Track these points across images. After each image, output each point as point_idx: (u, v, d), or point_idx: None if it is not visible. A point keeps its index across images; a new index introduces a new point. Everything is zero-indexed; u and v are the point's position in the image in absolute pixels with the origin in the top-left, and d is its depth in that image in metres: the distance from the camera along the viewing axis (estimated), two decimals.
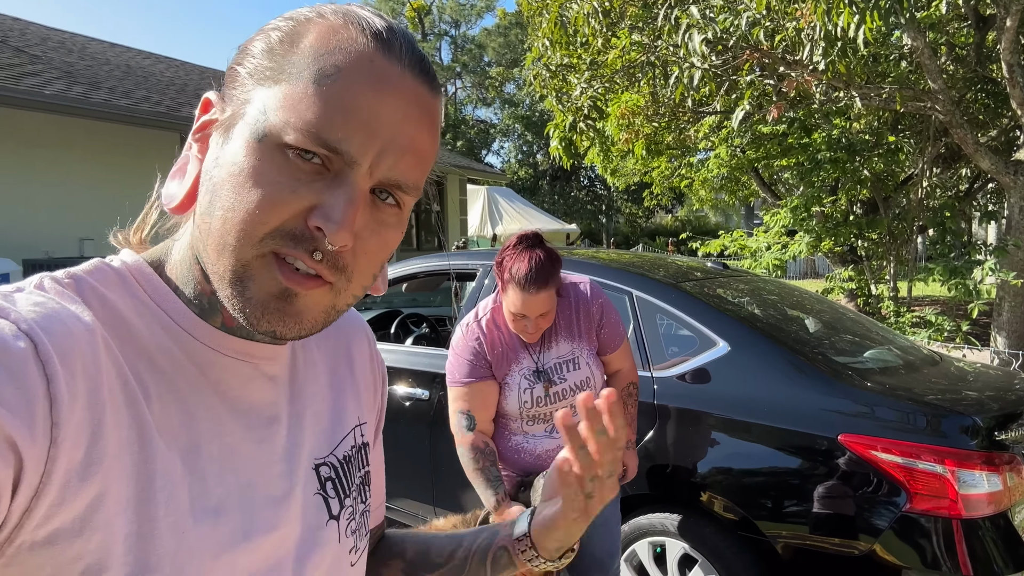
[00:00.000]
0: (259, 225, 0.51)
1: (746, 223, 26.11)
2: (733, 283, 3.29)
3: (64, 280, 0.53)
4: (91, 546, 0.46)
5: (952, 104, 5.97)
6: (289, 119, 0.51)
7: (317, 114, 0.50)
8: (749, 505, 2.34)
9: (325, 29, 0.53)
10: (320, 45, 0.52)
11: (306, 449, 0.64)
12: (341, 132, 0.51)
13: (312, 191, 0.51)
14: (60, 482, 0.44)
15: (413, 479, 3.22)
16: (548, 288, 1.96)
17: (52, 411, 0.44)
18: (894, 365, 2.81)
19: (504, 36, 35.18)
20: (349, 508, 0.68)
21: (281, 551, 0.60)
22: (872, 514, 2.13)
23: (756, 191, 11.25)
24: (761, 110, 6.80)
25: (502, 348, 2.10)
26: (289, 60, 0.52)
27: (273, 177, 0.51)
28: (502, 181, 21.37)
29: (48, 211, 8.40)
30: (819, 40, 4.77)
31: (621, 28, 6.37)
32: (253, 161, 0.51)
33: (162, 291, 0.57)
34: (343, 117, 0.51)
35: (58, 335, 0.46)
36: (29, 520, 0.44)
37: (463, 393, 2.09)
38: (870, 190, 8.11)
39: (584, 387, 2.11)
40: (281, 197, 0.51)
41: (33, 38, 10.73)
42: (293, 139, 0.50)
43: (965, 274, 5.99)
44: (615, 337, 2.18)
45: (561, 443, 2.05)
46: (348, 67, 0.52)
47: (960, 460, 2.06)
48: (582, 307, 2.14)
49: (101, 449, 0.47)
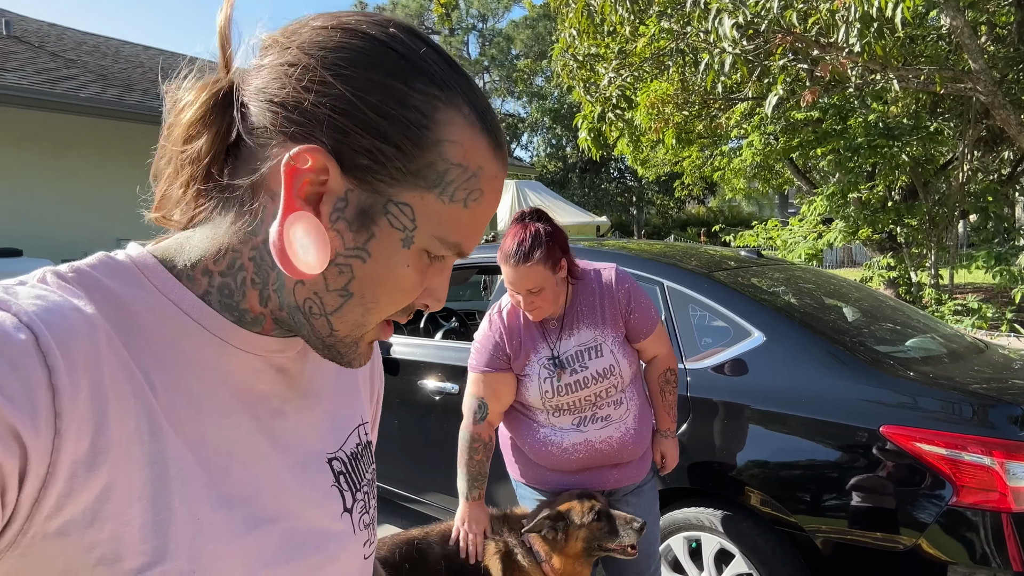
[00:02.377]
0: (388, 313, 0.59)
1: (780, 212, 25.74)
2: (768, 272, 3.22)
3: (67, 274, 0.53)
4: (103, 536, 0.47)
5: (994, 84, 5.78)
6: (441, 237, 0.56)
7: (465, 234, 0.58)
8: (787, 499, 2.28)
9: (468, 139, 0.55)
10: (466, 160, 0.55)
11: (318, 442, 0.66)
12: (471, 243, 0.59)
13: (426, 278, 0.59)
14: (67, 473, 0.45)
15: (444, 473, 3.20)
16: (534, 262, 1.88)
17: (55, 401, 0.44)
18: (937, 354, 2.72)
19: (532, 28, 35.02)
20: (361, 502, 0.69)
21: (295, 540, 0.60)
22: (916, 508, 2.06)
23: (790, 179, 11.06)
24: (795, 95, 6.65)
25: (521, 338, 2.06)
26: (433, 163, 0.54)
27: (413, 281, 0.58)
28: (531, 175, 21.31)
29: (85, 212, 8.56)
30: (855, 21, 4.63)
31: (649, 16, 6.27)
32: (399, 268, 0.56)
33: (170, 283, 0.57)
34: (479, 232, 0.59)
35: (59, 327, 0.47)
36: (39, 511, 0.45)
37: (480, 380, 2.08)
38: (909, 175, 7.90)
39: (607, 375, 2.02)
40: (414, 293, 0.59)
41: (69, 43, 10.95)
42: (440, 253, 0.58)
43: (1010, 260, 5.80)
44: (647, 322, 2.10)
45: (588, 437, 2.02)
46: (487, 189, 0.57)
47: (1009, 451, 1.98)
48: (606, 293, 2.08)
49: (107, 440, 0.47)
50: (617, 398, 2.05)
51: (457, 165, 0.55)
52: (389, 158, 0.53)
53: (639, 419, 2.08)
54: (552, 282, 1.95)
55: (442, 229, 0.56)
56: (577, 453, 2.03)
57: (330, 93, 0.52)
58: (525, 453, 2.13)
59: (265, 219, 0.55)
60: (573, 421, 2.04)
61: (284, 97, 0.53)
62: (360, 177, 0.53)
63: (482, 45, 37.69)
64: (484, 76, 37.70)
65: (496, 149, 0.58)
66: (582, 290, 2.08)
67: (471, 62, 36.49)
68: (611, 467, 2.08)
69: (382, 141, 0.53)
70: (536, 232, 1.92)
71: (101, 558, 0.47)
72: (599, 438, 2.02)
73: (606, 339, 2.05)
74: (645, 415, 2.13)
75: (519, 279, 1.91)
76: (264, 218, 0.55)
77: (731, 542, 2.36)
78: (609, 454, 2.04)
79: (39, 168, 8.36)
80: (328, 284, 0.56)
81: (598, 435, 2.02)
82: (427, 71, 0.55)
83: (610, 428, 2.03)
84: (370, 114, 0.53)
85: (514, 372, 2.06)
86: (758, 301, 2.66)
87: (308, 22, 0.56)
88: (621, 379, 2.04)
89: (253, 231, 0.56)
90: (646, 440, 2.13)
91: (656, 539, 2.19)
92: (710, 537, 2.43)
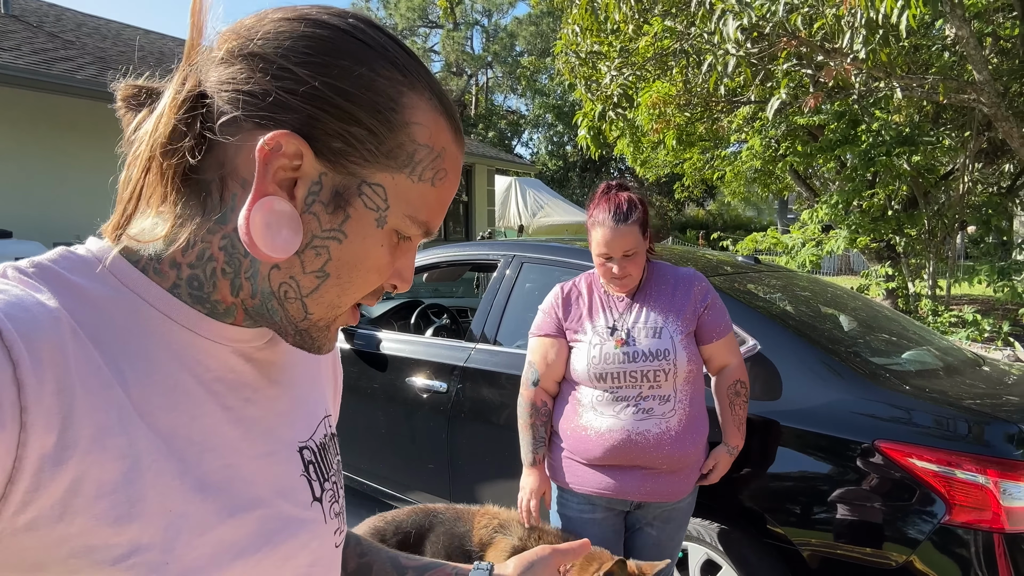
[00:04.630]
0: (362, 295, 0.61)
1: (779, 217, 25.71)
2: (764, 278, 3.17)
3: (28, 269, 0.53)
4: (73, 530, 0.47)
5: (997, 96, 5.74)
6: (413, 216, 0.59)
7: (432, 213, 0.61)
8: (777, 511, 2.23)
9: (431, 122, 0.58)
10: (432, 141, 0.58)
11: (288, 431, 0.66)
12: (437, 222, 0.62)
13: (395, 259, 0.61)
14: (33, 468, 0.45)
15: (430, 472, 3.16)
16: (632, 223, 1.96)
17: (20, 396, 0.44)
18: (934, 367, 2.68)
19: (536, 25, 34.94)
20: (330, 491, 0.70)
21: (268, 529, 0.61)
22: (908, 525, 2.02)
23: (790, 184, 11.02)
24: (797, 100, 6.61)
25: (582, 305, 2.10)
26: (402, 144, 0.57)
27: (385, 261, 0.60)
28: (531, 172, 21.24)
29: (79, 195, 8.48)
30: (860, 27, 4.59)
31: (653, 15, 6.22)
32: (373, 247, 0.58)
33: (134, 276, 0.57)
34: (443, 211, 0.62)
35: (22, 321, 0.46)
36: (6, 507, 0.44)
37: (534, 344, 2.15)
38: (909, 185, 7.86)
39: (659, 357, 1.98)
40: (385, 274, 0.61)
41: (68, 24, 10.86)
42: (411, 234, 0.60)
43: (1014, 275, 5.77)
44: (720, 323, 2.09)
45: (625, 425, 1.98)
46: (451, 170, 0.61)
47: (1004, 470, 1.94)
48: (682, 285, 2.10)
49: (75, 434, 0.47)
50: (665, 393, 2.01)
51: (424, 146, 0.58)
52: (361, 140, 0.55)
53: (685, 426, 2.02)
54: (643, 248, 2.01)
55: (413, 208, 0.59)
56: (612, 439, 1.99)
57: (298, 80, 0.54)
58: (562, 445, 2.11)
59: (236, 207, 0.56)
60: (615, 408, 2.01)
61: (252, 87, 0.54)
62: (334, 160, 0.55)
63: (486, 41, 37.59)
64: (487, 72, 37.62)
65: (456, 132, 0.61)
66: (656, 276, 2.12)
67: (474, 57, 36.40)
68: (644, 473, 2.02)
69: (353, 124, 0.55)
70: (630, 198, 2.00)
71: (73, 551, 0.47)
72: (636, 429, 1.98)
73: (668, 325, 2.04)
74: (694, 427, 2.06)
75: (618, 239, 1.96)
76: (235, 206, 0.56)
77: (718, 553, 2.32)
78: (644, 449, 1.98)
79: (34, 149, 8.28)
80: (305, 266, 0.57)
81: (636, 426, 1.99)
82: (389, 58, 0.57)
83: (650, 422, 1.99)
84: (339, 99, 0.54)
85: (566, 339, 2.10)
86: (753, 308, 2.61)
87: (267, 15, 0.58)
88: (674, 368, 2.00)
89: (222, 220, 0.57)
90: (689, 454, 2.04)
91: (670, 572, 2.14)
92: (697, 548, 2.39)
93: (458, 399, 2.99)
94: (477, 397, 2.95)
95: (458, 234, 15.13)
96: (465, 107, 36.56)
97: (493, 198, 17.09)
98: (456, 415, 2.99)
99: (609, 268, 2.01)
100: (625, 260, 1.98)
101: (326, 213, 0.56)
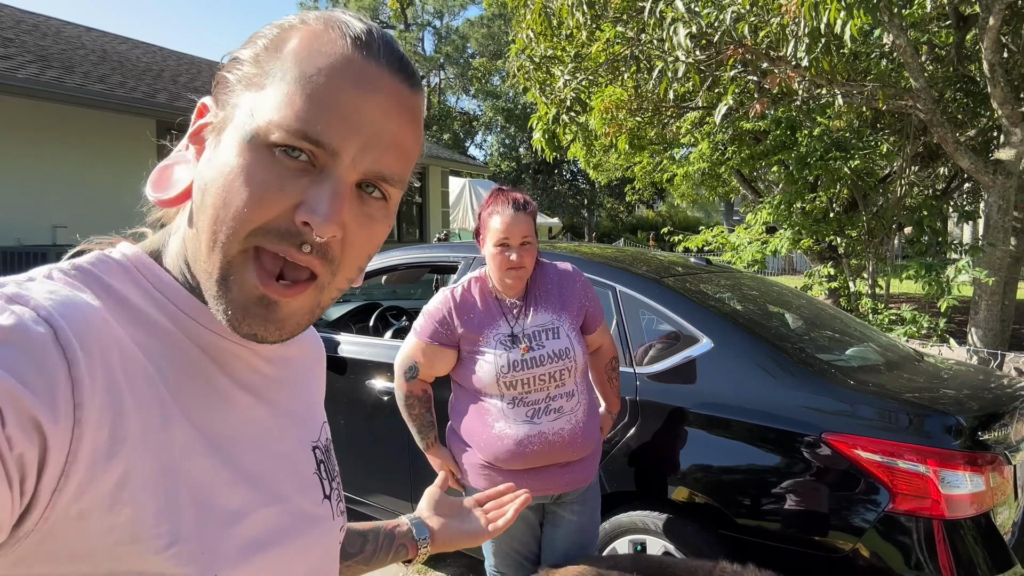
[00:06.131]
0: (246, 222, 0.54)
1: (725, 219, 26.25)
2: (715, 279, 3.27)
3: (70, 271, 0.55)
4: (121, 520, 0.49)
5: (933, 103, 6.00)
6: (273, 118, 0.54)
7: (299, 111, 0.54)
8: (730, 503, 2.32)
9: (307, 34, 0.56)
10: (302, 49, 0.56)
11: (301, 430, 0.70)
12: (321, 125, 0.54)
13: (299, 187, 0.54)
14: (87, 462, 0.47)
15: (391, 475, 3.17)
16: (528, 213, 2.07)
17: (75, 393, 0.46)
18: (876, 363, 2.80)
19: (487, 27, 34.99)
20: (336, 490, 0.74)
21: (287, 524, 0.63)
22: (854, 514, 2.12)
23: (736, 187, 11.29)
24: (743, 106, 6.79)
25: (476, 314, 2.11)
26: (274, 64, 0.56)
27: (261, 176, 0.53)
28: (485, 174, 21.26)
29: (21, 197, 8.21)
30: (803, 36, 4.75)
31: (605, 20, 6.32)
32: (241, 161, 0.54)
33: (164, 280, 0.60)
34: (324, 112, 0.54)
35: (75, 320, 0.48)
36: (60, 499, 0.46)
37: (420, 348, 2.14)
38: (849, 188, 8.14)
39: (562, 357, 2.07)
40: (268, 195, 0.53)
41: (6, 20, 10.48)
42: (278, 137, 0.53)
43: (940, 271, 6.03)
44: (599, 313, 2.26)
45: (542, 429, 2.04)
46: (328, 67, 0.55)
47: (943, 460, 2.05)
48: (565, 281, 2.19)
49: (124, 429, 0.49)
50: (569, 389, 2.10)
51: (291, 52, 0.56)
52: (240, 79, 0.57)
53: (588, 413, 2.15)
54: (535, 243, 2.09)
55: (275, 113, 0.54)
56: (532, 445, 2.03)
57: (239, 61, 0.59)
58: (478, 456, 2.12)
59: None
60: (527, 413, 2.06)
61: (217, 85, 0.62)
62: (221, 102, 0.58)
63: (437, 42, 37.48)
64: (440, 73, 37.51)
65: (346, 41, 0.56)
66: (541, 277, 2.19)
67: (426, 58, 36.25)
68: (561, 467, 2.10)
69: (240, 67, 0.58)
70: (524, 195, 2.12)
71: (120, 540, 0.49)
72: (552, 430, 2.05)
73: (563, 323, 2.12)
74: (593, 411, 2.19)
75: (516, 226, 2.03)
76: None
77: (674, 545, 2.39)
78: (561, 447, 2.06)
79: None
80: (193, 211, 0.58)
81: (551, 427, 2.05)
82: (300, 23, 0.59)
83: (562, 420, 2.07)
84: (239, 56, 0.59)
85: (461, 350, 2.12)
86: (706, 307, 2.70)
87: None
88: (575, 364, 2.09)
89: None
90: (593, 437, 2.17)
91: (592, 545, 2.22)
92: (655, 540, 2.45)
93: None
94: (438, 399, 2.97)
95: (412, 235, 15.07)
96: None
97: (448, 200, 17.06)
98: None
99: (507, 257, 2.04)
100: (522, 249, 2.05)
101: (210, 148, 0.58)
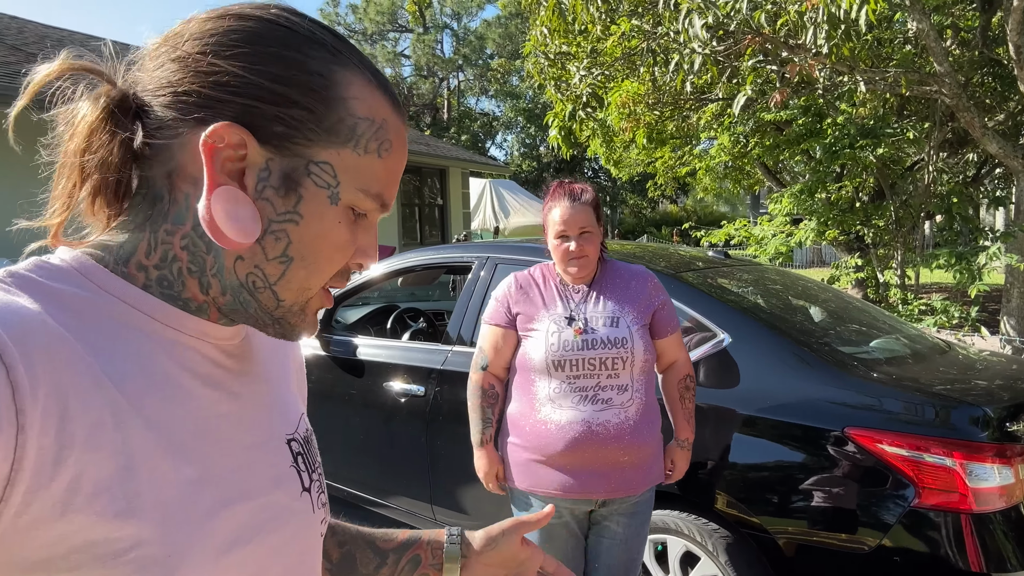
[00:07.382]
0: (328, 274, 0.62)
1: (752, 212, 25.97)
2: (736, 273, 3.22)
3: (5, 278, 0.53)
4: (74, 527, 0.48)
5: (959, 87, 5.86)
6: (364, 190, 0.60)
7: (384, 186, 0.62)
8: (752, 501, 2.27)
9: (366, 93, 0.60)
10: (371, 114, 0.60)
11: (275, 424, 0.68)
12: (388, 192, 0.63)
13: (357, 236, 0.62)
14: (32, 469, 0.45)
15: (410, 477, 3.16)
16: (586, 203, 2.06)
17: (15, 398, 0.45)
18: (901, 355, 2.74)
19: (504, 27, 34.96)
20: (317, 482, 0.72)
21: (261, 519, 0.62)
22: (879, 509, 2.06)
23: (761, 179, 11.14)
24: (764, 97, 6.69)
25: (535, 295, 2.14)
26: (342, 120, 0.58)
27: (346, 238, 0.61)
28: (505, 174, 21.26)
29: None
30: (822, 23, 4.66)
31: (620, 15, 6.26)
32: (331, 225, 0.59)
33: (112, 280, 0.58)
34: (393, 182, 0.63)
35: (12, 325, 0.47)
36: (7, 508, 0.45)
37: (485, 332, 2.20)
38: (876, 177, 8.00)
39: (617, 345, 2.01)
40: (348, 251, 0.62)
41: None
42: (366, 208, 0.62)
43: (970, 259, 5.89)
44: (672, 320, 2.17)
45: (586, 417, 1.99)
46: (395, 140, 0.62)
47: (970, 453, 1.99)
48: (636, 281, 2.16)
49: (71, 433, 0.48)
50: (623, 382, 2.03)
51: (364, 119, 0.59)
52: (301, 121, 0.57)
53: (643, 416, 2.06)
54: (598, 232, 2.10)
55: (363, 181, 0.60)
56: (573, 431, 1.99)
57: (230, 72, 0.56)
58: (522, 451, 2.09)
59: (190, 206, 0.58)
60: (574, 400, 2.02)
61: (187, 86, 0.56)
62: (278, 144, 0.57)
63: (455, 44, 37.56)
64: (459, 75, 37.58)
65: (394, 104, 0.62)
66: (611, 270, 2.18)
67: (445, 61, 36.34)
68: (608, 468, 2.02)
69: (290, 107, 0.56)
70: (583, 185, 2.12)
71: (74, 548, 0.48)
72: (597, 420, 2.00)
73: (625, 315, 2.08)
74: (651, 417, 2.09)
75: (574, 216, 2.04)
76: (189, 205, 0.58)
77: (696, 545, 2.35)
78: (605, 440, 1.99)
79: None
80: (267, 253, 0.59)
81: (596, 416, 2.00)
82: (317, 40, 0.59)
83: (609, 412, 2.01)
84: (271, 84, 0.56)
85: (518, 329, 2.13)
86: (725, 302, 2.65)
87: (194, 17, 0.60)
88: (631, 356, 2.03)
89: (178, 220, 0.58)
90: (647, 443, 2.07)
91: (637, 560, 2.16)
92: (676, 540, 2.41)
93: (436, 402, 2.99)
94: (455, 400, 2.95)
95: (434, 237, 15.09)
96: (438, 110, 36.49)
97: (468, 200, 17.08)
98: (435, 418, 3.00)
99: (567, 248, 2.04)
100: (582, 239, 2.04)
101: (279, 197, 0.58)
